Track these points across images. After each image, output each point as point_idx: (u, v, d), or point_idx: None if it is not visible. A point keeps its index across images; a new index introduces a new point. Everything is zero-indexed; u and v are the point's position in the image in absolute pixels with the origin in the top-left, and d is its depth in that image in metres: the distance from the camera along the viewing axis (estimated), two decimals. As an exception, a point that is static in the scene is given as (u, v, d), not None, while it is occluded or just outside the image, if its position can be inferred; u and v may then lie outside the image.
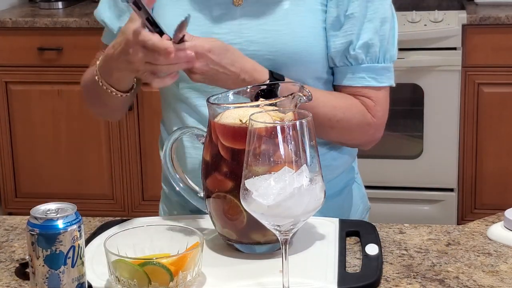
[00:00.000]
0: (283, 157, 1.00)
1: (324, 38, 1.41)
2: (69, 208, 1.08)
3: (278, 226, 1.03)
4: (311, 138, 1.01)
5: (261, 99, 1.25)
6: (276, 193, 1.00)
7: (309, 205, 1.01)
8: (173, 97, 1.47)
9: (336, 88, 1.45)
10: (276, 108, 1.18)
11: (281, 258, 1.06)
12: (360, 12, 1.39)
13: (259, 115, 1.05)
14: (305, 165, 1.01)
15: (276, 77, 1.35)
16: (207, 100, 1.24)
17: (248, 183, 1.01)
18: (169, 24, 1.27)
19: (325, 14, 1.40)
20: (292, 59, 1.38)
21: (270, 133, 1.01)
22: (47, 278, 1.06)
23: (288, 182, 1.00)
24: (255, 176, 1.01)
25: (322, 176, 1.03)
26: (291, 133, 1.00)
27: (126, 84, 1.37)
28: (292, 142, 1.00)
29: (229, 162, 1.19)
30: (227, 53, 1.30)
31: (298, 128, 1.00)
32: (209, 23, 1.41)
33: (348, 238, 1.29)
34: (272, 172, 1.01)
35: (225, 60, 1.30)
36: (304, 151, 1.01)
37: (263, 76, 1.34)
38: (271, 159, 1.01)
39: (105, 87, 1.35)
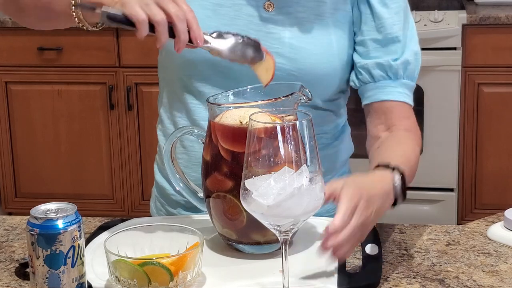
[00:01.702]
0: (283, 157, 1.00)
1: (349, 63, 1.43)
2: (69, 208, 1.08)
3: (278, 226, 1.03)
4: (311, 138, 1.01)
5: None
6: (276, 193, 1.00)
7: (309, 205, 1.01)
8: (182, 90, 1.45)
9: (371, 106, 1.44)
10: (275, 109, 1.18)
11: (281, 258, 1.06)
12: (404, 36, 1.43)
13: (258, 115, 1.05)
14: (305, 165, 1.01)
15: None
16: (207, 100, 1.24)
17: (248, 183, 1.01)
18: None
19: (353, 40, 1.43)
20: (317, 79, 1.39)
21: (270, 133, 1.01)
22: (47, 278, 1.06)
23: (288, 182, 1.00)
24: (255, 176, 1.01)
25: (322, 176, 1.03)
26: (291, 133, 1.00)
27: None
28: (292, 142, 1.00)
29: (229, 162, 1.19)
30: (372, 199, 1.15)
31: (298, 128, 1.00)
32: (237, 22, 1.39)
33: (348, 238, 1.29)
34: (272, 172, 1.01)
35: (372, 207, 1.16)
36: (304, 151, 1.01)
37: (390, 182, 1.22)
38: (271, 159, 1.01)
39: (73, 12, 1.24)
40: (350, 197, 1.10)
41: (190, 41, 1.18)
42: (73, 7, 1.25)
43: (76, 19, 1.26)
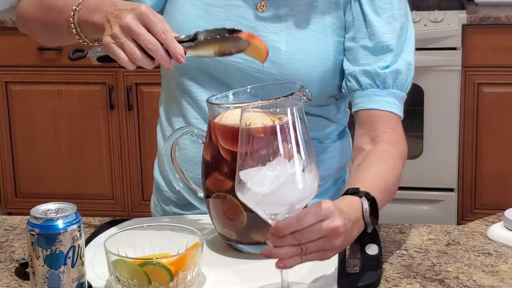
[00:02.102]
0: (277, 146, 1.01)
1: (339, 68, 1.41)
2: (69, 208, 1.08)
3: (274, 215, 1.03)
4: (303, 127, 1.02)
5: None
6: (270, 181, 1.00)
7: (304, 191, 1.01)
8: (177, 88, 1.46)
9: (358, 114, 1.40)
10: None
11: (281, 258, 1.06)
12: (397, 45, 1.38)
13: (252, 113, 1.05)
14: (298, 154, 1.01)
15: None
16: (207, 101, 1.24)
17: (243, 173, 1.02)
18: (186, 15, 1.27)
19: (343, 45, 1.40)
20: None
21: (265, 130, 1.01)
22: (47, 278, 1.06)
23: (282, 171, 1.00)
24: (249, 167, 1.02)
25: (315, 164, 1.03)
26: (284, 124, 1.01)
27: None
28: (286, 131, 1.01)
29: (229, 162, 1.19)
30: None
31: (289, 116, 1.01)
32: (227, 23, 1.38)
33: (348, 238, 1.29)
34: (266, 163, 1.01)
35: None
36: (297, 140, 1.01)
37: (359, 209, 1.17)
38: (265, 152, 1.01)
39: (73, 28, 1.30)
40: (319, 205, 1.06)
41: None
42: (74, 30, 1.31)
43: (80, 40, 1.34)
